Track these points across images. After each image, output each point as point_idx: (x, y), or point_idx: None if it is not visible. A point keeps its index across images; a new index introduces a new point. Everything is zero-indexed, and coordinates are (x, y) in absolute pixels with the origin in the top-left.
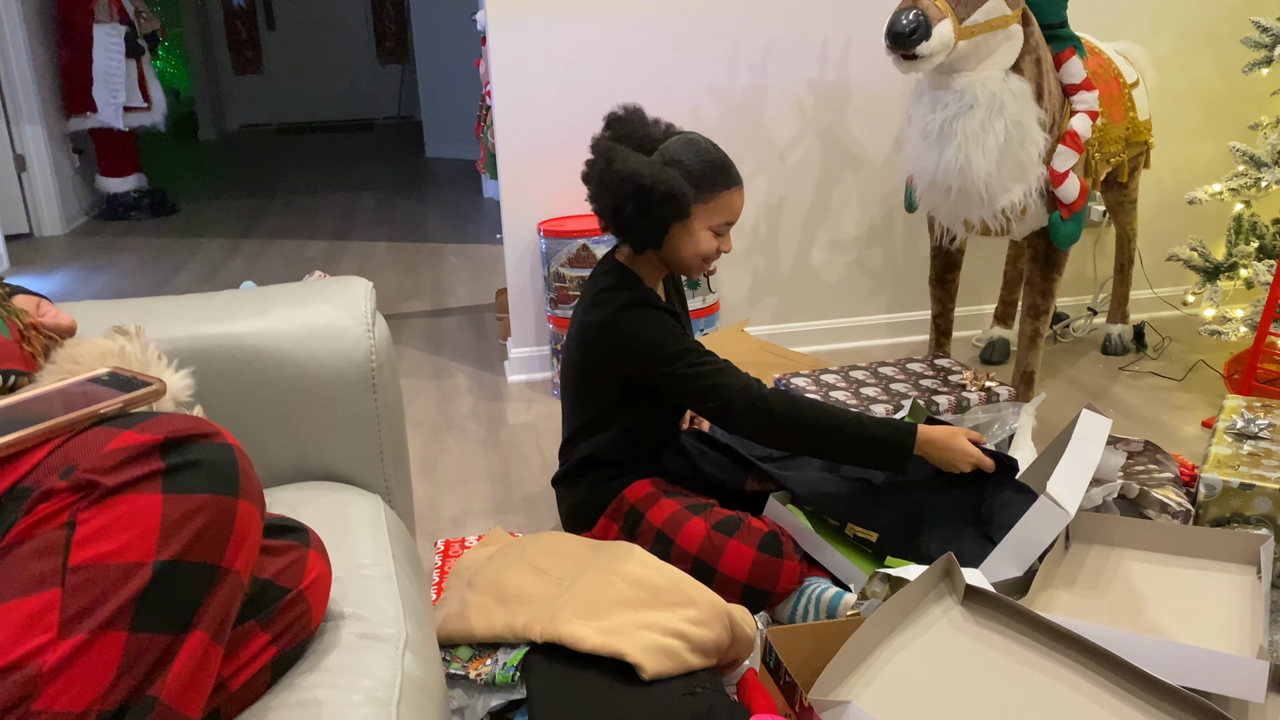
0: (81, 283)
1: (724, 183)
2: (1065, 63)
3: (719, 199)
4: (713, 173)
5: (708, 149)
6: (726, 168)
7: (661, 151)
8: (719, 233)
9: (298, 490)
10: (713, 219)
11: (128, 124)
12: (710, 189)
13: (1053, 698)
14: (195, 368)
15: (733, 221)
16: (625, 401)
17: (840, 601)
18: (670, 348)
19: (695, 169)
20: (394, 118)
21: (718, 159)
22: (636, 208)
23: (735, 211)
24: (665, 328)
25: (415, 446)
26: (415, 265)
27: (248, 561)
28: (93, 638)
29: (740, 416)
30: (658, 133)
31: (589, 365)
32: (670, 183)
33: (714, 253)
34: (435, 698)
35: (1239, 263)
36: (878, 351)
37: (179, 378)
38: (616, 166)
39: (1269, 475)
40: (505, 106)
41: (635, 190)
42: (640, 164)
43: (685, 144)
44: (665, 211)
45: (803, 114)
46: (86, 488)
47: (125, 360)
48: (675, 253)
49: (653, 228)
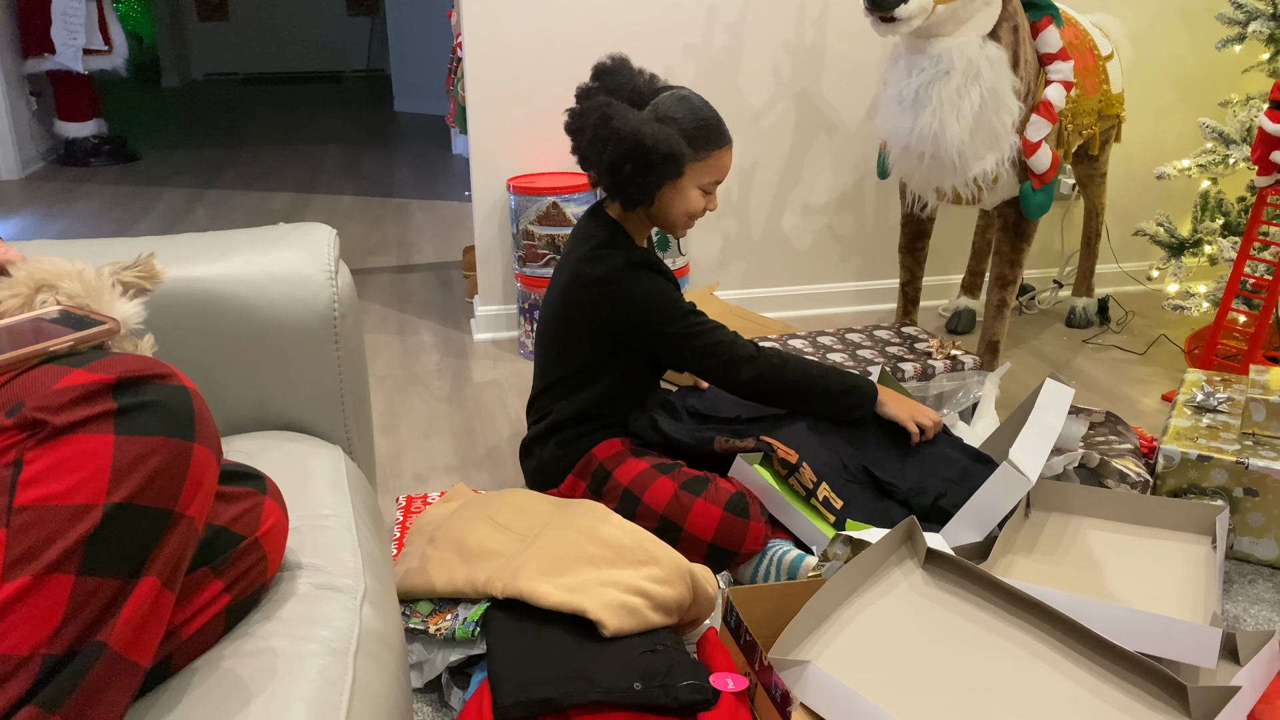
0: (37, 228)
1: (717, 141)
2: (1042, 31)
3: (712, 158)
4: (707, 131)
5: (701, 106)
6: (720, 126)
7: (654, 108)
8: (707, 191)
9: (257, 439)
10: (704, 177)
11: (87, 67)
12: (704, 147)
13: (1010, 660)
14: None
15: (721, 180)
16: (606, 360)
17: (802, 563)
18: (671, 309)
19: (690, 127)
20: (363, 70)
21: (711, 117)
22: (635, 166)
23: (725, 170)
24: (665, 289)
25: (378, 402)
26: (381, 220)
27: (202, 507)
28: (38, 580)
29: (740, 372)
30: (645, 85)
31: (574, 320)
32: (670, 143)
33: (701, 211)
34: (394, 650)
35: (1204, 239)
36: (846, 318)
37: (131, 306)
38: (617, 124)
39: (1226, 448)
40: (477, 59)
41: (636, 149)
42: (640, 122)
43: (679, 101)
44: (664, 170)
45: (778, 77)
46: (34, 426)
47: (83, 281)
48: (664, 211)
49: (649, 186)
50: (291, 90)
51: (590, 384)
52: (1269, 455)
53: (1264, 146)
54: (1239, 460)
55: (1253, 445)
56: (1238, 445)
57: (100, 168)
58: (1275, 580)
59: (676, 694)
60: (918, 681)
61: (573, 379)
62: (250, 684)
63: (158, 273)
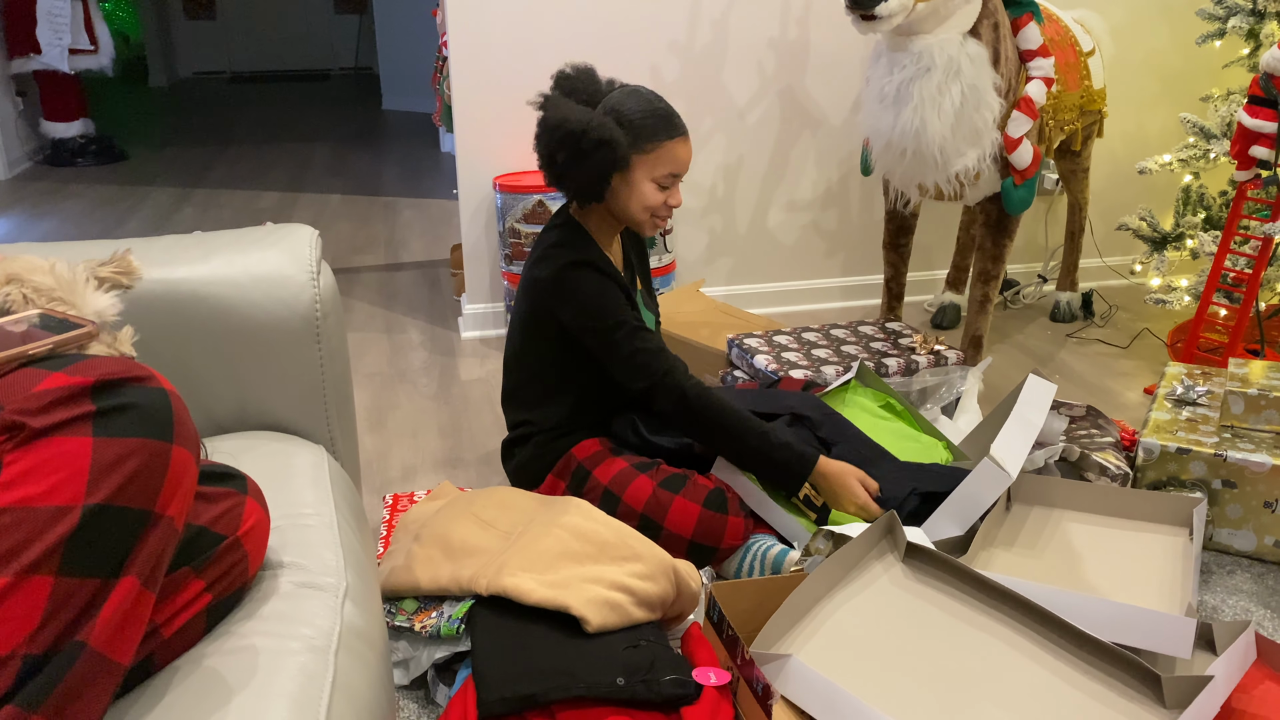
0: (23, 229)
1: (666, 132)
2: (1023, 28)
3: (661, 149)
4: (654, 121)
5: (650, 99)
6: (668, 117)
7: (604, 103)
8: (664, 185)
9: (239, 439)
10: (655, 170)
11: (73, 67)
12: (651, 138)
13: (989, 653)
14: (135, 313)
15: (678, 174)
16: (570, 362)
17: (785, 558)
18: (607, 316)
19: (635, 118)
20: (351, 69)
21: (659, 108)
22: (568, 155)
23: (680, 163)
24: (605, 293)
25: (365, 400)
26: (369, 218)
27: (181, 507)
28: (18, 580)
29: (660, 401)
30: (606, 90)
31: (530, 321)
32: (602, 129)
33: (661, 206)
34: (376, 647)
35: (1186, 233)
36: (831, 314)
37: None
38: (548, 114)
39: (1205, 441)
40: (462, 58)
41: (566, 136)
42: (572, 110)
43: (627, 94)
44: (598, 159)
45: (763, 73)
46: (13, 429)
47: (54, 275)
48: (621, 206)
49: (587, 177)
50: (279, 89)
51: (561, 388)
52: (1247, 448)
53: (1243, 141)
54: (1217, 453)
55: (1231, 438)
56: (1216, 438)
57: (87, 167)
58: (1253, 571)
59: (659, 689)
60: (898, 674)
61: (540, 381)
62: (231, 682)
63: (134, 269)
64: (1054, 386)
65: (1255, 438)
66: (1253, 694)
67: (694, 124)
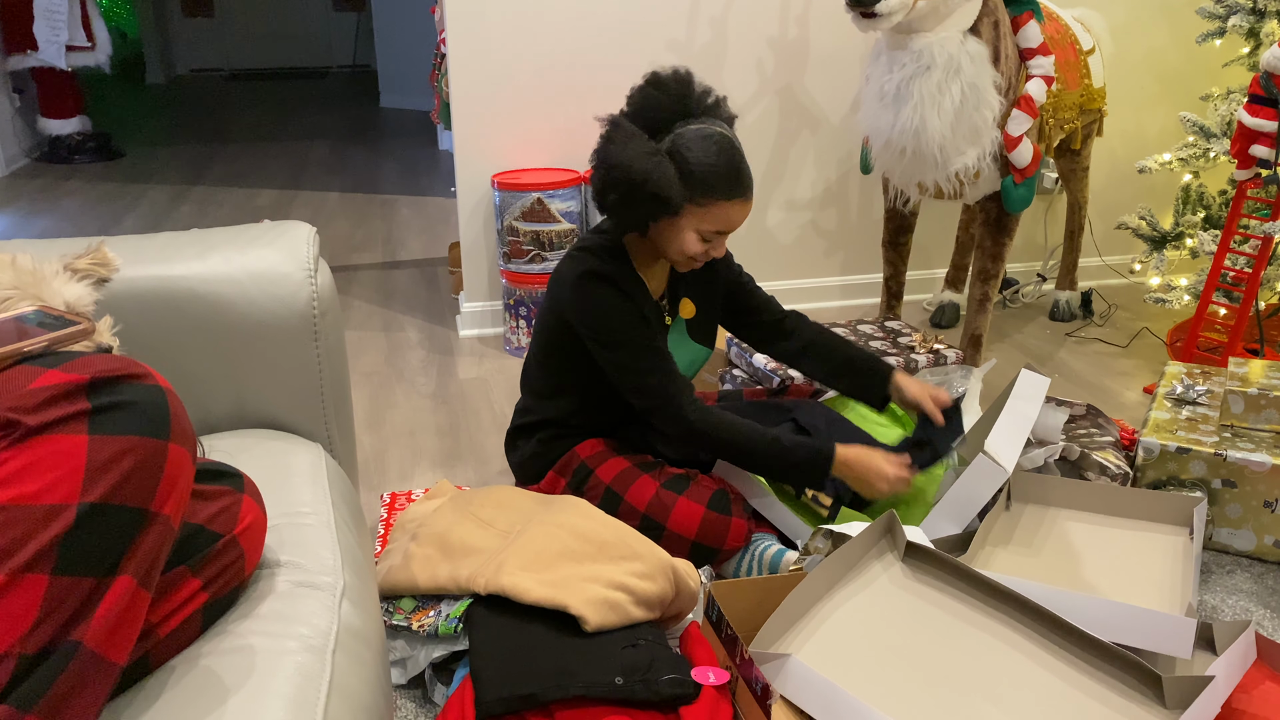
0: (20, 226)
1: (725, 192)
2: (1023, 27)
3: (715, 208)
4: (715, 179)
5: (722, 149)
6: (735, 178)
7: (674, 138)
8: (707, 239)
9: (236, 438)
10: (703, 224)
11: (70, 63)
12: (708, 194)
13: (988, 652)
14: (131, 311)
15: (726, 232)
16: (581, 361)
17: (783, 558)
18: (614, 334)
19: (699, 170)
20: (349, 66)
21: (725, 165)
22: (620, 197)
23: (731, 224)
24: (616, 311)
25: (363, 399)
26: (367, 216)
27: (177, 506)
28: (12, 579)
29: (664, 426)
30: (694, 108)
31: (553, 314)
32: (660, 183)
33: (701, 255)
34: (373, 646)
35: (1185, 232)
36: (830, 313)
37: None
38: (613, 149)
39: (1205, 440)
40: (460, 55)
41: (622, 180)
42: (636, 154)
43: (701, 138)
44: (650, 208)
45: (762, 72)
46: (8, 427)
47: (15, 269)
48: (661, 243)
49: (636, 219)
50: (277, 86)
51: (570, 384)
52: (1247, 447)
53: (1243, 140)
54: (1217, 452)
55: (1231, 437)
56: (1216, 437)
57: (84, 165)
58: (1253, 571)
59: (658, 688)
60: (897, 674)
61: (553, 372)
62: (228, 681)
63: (110, 260)
64: (1047, 380)
65: (1255, 437)
66: (1253, 694)
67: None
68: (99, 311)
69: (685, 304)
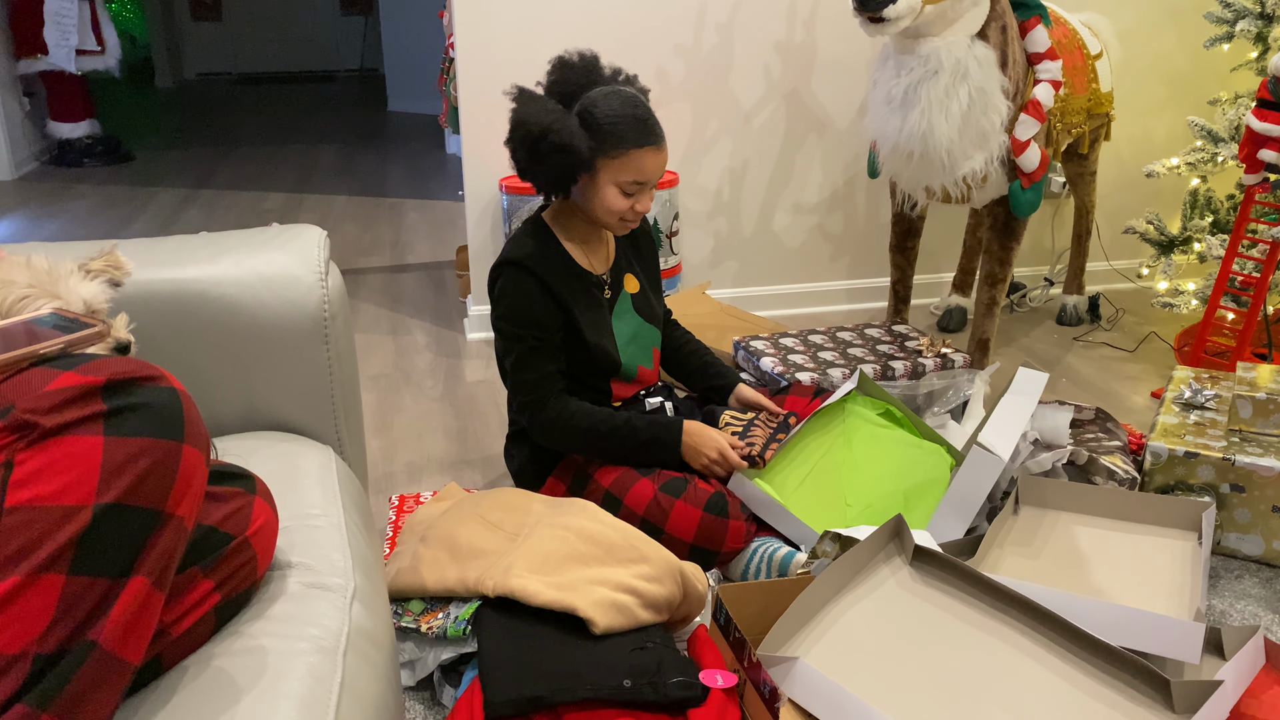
0: (30, 229)
1: (634, 140)
2: (1030, 31)
3: (626, 157)
4: (623, 128)
5: (627, 102)
6: (640, 126)
7: (582, 101)
8: (628, 191)
9: (247, 440)
10: (619, 176)
11: (80, 67)
12: (618, 145)
13: (996, 656)
14: (143, 314)
15: (643, 182)
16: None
17: (792, 560)
18: (510, 326)
19: (605, 122)
20: (356, 70)
21: (632, 114)
22: (527, 155)
23: (646, 173)
24: (515, 306)
25: (371, 402)
26: (375, 220)
27: (191, 507)
28: (29, 580)
29: (527, 422)
30: (601, 81)
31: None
32: (561, 134)
33: (628, 211)
34: (383, 648)
35: (1193, 237)
36: (837, 317)
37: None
38: (516, 110)
39: (1213, 444)
40: (468, 60)
41: (525, 137)
42: (534, 111)
43: (606, 95)
44: (556, 162)
45: (769, 76)
46: (24, 428)
47: (34, 270)
48: (587, 205)
49: (548, 176)
50: (285, 90)
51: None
52: (1255, 452)
53: (1251, 145)
54: (1226, 457)
55: (1239, 442)
56: (1224, 442)
57: (93, 168)
58: (1261, 575)
59: (666, 691)
60: (905, 678)
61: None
62: (240, 682)
63: (123, 263)
64: (1044, 375)
65: (1263, 442)
66: (1261, 699)
67: (700, 127)
68: (112, 313)
69: (630, 279)
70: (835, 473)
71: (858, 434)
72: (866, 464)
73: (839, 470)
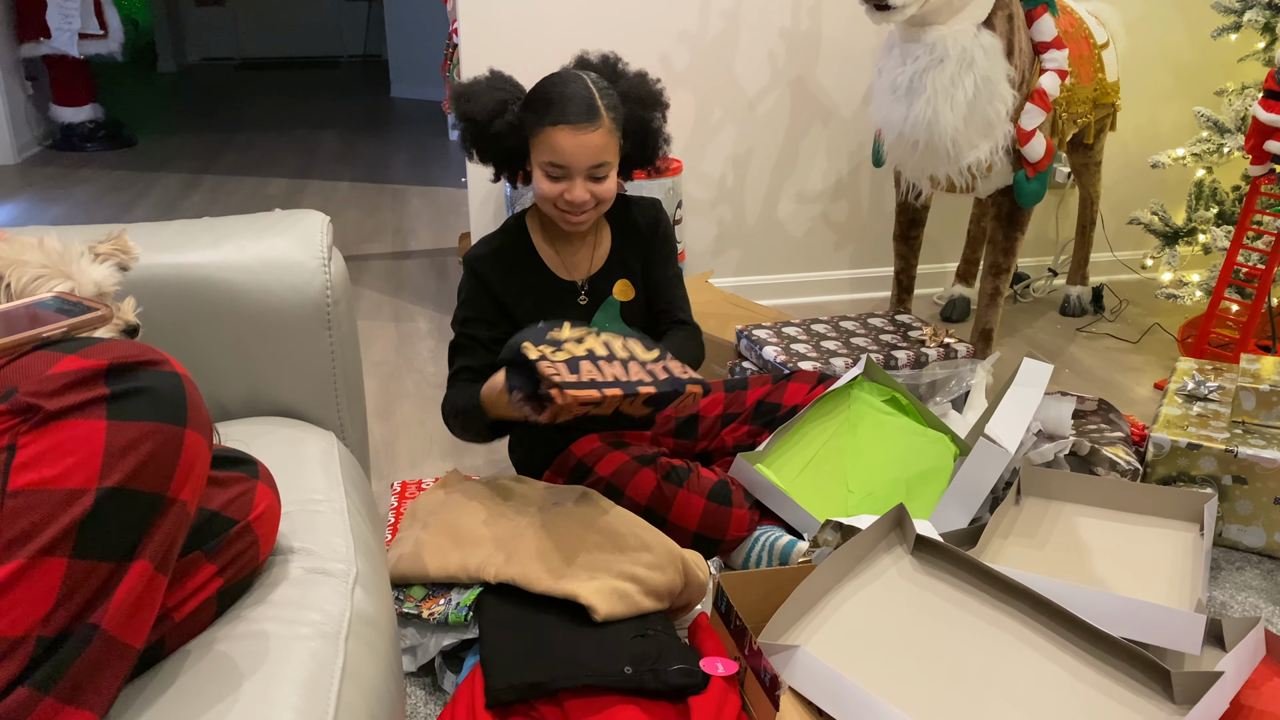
0: (33, 213)
1: (546, 118)
2: (1037, 20)
3: (542, 136)
4: (537, 104)
5: (552, 77)
6: (555, 102)
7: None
8: (551, 175)
9: (250, 425)
10: (539, 156)
11: (83, 52)
12: (536, 124)
13: (997, 646)
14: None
15: (561, 165)
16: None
17: (793, 549)
18: (457, 318)
19: (529, 101)
20: (360, 56)
21: (551, 92)
22: (462, 132)
23: (562, 154)
24: (464, 302)
25: (374, 388)
26: (378, 206)
27: (194, 492)
28: (31, 563)
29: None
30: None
31: None
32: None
33: (558, 198)
34: (385, 633)
35: (1198, 228)
36: (840, 306)
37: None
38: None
39: (1215, 436)
40: (472, 46)
41: (458, 115)
42: (472, 90)
43: (549, 75)
44: (477, 138)
45: (774, 64)
46: (27, 411)
47: (46, 251)
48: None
49: (487, 158)
50: (288, 75)
51: None
52: (1258, 443)
53: (1258, 136)
54: (1228, 448)
55: (1242, 433)
56: (1227, 434)
57: (96, 153)
58: (1263, 567)
59: (667, 678)
60: (906, 666)
61: None
62: (242, 666)
63: (130, 247)
64: (1049, 367)
65: (1266, 434)
66: (1261, 690)
67: (704, 114)
68: (118, 296)
69: (624, 286)
70: (839, 458)
71: (862, 420)
72: (870, 450)
73: (842, 456)
